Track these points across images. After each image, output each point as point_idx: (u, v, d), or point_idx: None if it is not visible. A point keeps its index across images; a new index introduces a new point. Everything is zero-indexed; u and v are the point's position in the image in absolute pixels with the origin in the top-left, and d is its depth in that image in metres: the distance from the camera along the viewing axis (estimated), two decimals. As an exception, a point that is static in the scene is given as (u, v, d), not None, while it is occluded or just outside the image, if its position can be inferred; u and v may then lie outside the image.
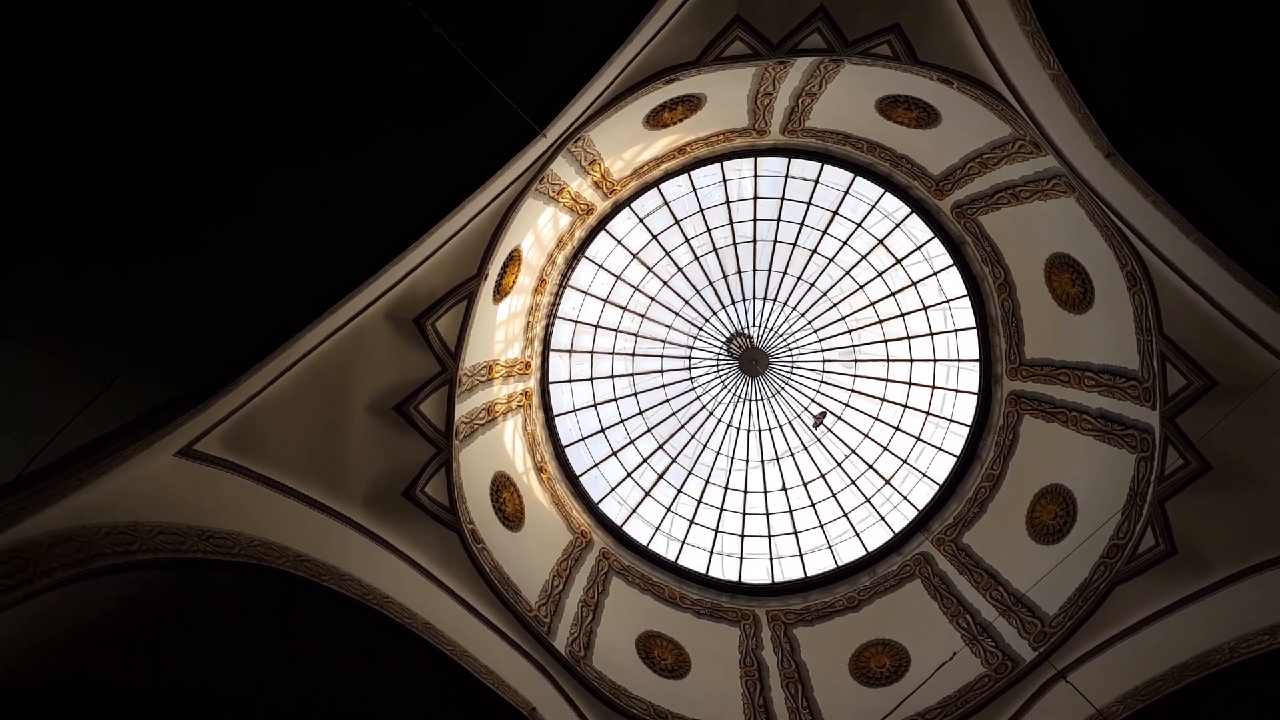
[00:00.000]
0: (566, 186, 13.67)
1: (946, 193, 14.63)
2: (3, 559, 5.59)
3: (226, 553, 7.81)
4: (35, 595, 5.71)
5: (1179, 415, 11.51)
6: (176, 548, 7.27)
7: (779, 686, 14.30)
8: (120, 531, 6.83)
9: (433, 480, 11.49)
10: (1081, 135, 10.05)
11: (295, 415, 9.73)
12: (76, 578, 6.12)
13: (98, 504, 6.81)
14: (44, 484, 5.94)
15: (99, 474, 6.63)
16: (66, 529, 6.33)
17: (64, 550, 6.16)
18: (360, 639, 9.24)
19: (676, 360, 18.20)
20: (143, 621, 7.31)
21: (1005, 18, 9.46)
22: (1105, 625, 11.89)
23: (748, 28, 10.65)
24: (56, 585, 5.93)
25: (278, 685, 8.87)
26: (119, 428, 6.79)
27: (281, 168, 7.70)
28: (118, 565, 6.55)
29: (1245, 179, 9.17)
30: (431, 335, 11.11)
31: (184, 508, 7.81)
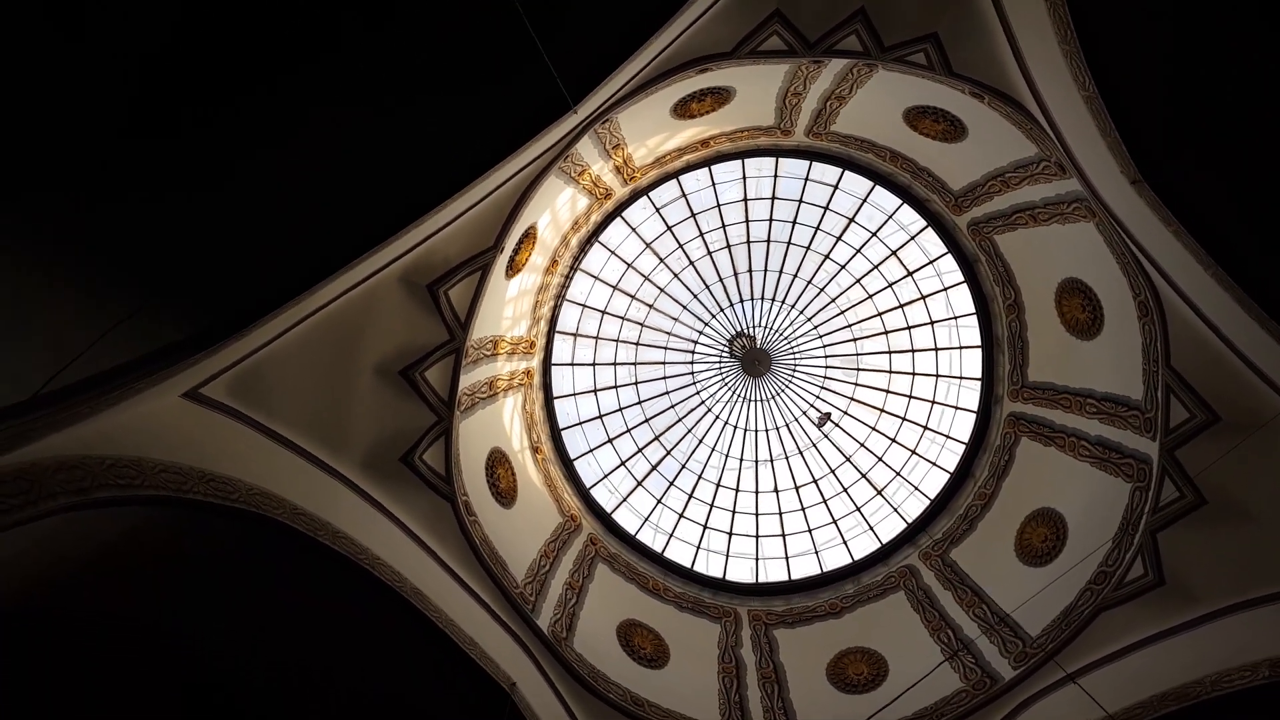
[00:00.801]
0: (588, 168, 13.65)
1: (965, 209, 14.65)
2: (8, 478, 5.55)
3: (226, 497, 7.77)
4: (38, 518, 5.67)
5: (1179, 448, 11.55)
6: (178, 487, 7.24)
7: (756, 685, 14.33)
8: (124, 465, 6.79)
9: (431, 448, 11.46)
10: (1108, 159, 10.07)
11: (302, 370, 9.68)
12: (79, 505, 6.08)
13: (103, 436, 6.77)
14: (54, 408, 5.90)
15: (107, 405, 6.59)
16: (72, 456, 6.29)
17: (68, 477, 6.12)
18: (350, 597, 9.22)
19: (680, 354, 18.19)
20: (142, 557, 7.29)
21: (1045, 35, 9.46)
22: (1088, 650, 11.94)
23: (786, 23, 10.64)
24: (60, 510, 5.89)
25: (268, 633, 8.85)
26: (130, 361, 6.74)
27: (315, 119, 7.64)
28: (120, 498, 6.51)
29: (1268, 215, 9.21)
30: (443, 303, 11.08)
31: (187, 449, 7.77)
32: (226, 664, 8.74)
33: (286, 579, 8.67)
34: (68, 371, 6.08)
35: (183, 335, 7.23)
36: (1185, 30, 9.14)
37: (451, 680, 10.04)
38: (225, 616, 8.46)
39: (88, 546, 6.66)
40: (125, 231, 6.93)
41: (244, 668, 8.89)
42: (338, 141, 8.01)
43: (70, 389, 6.04)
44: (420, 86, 8.35)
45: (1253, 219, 9.41)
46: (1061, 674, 12.00)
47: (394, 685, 9.83)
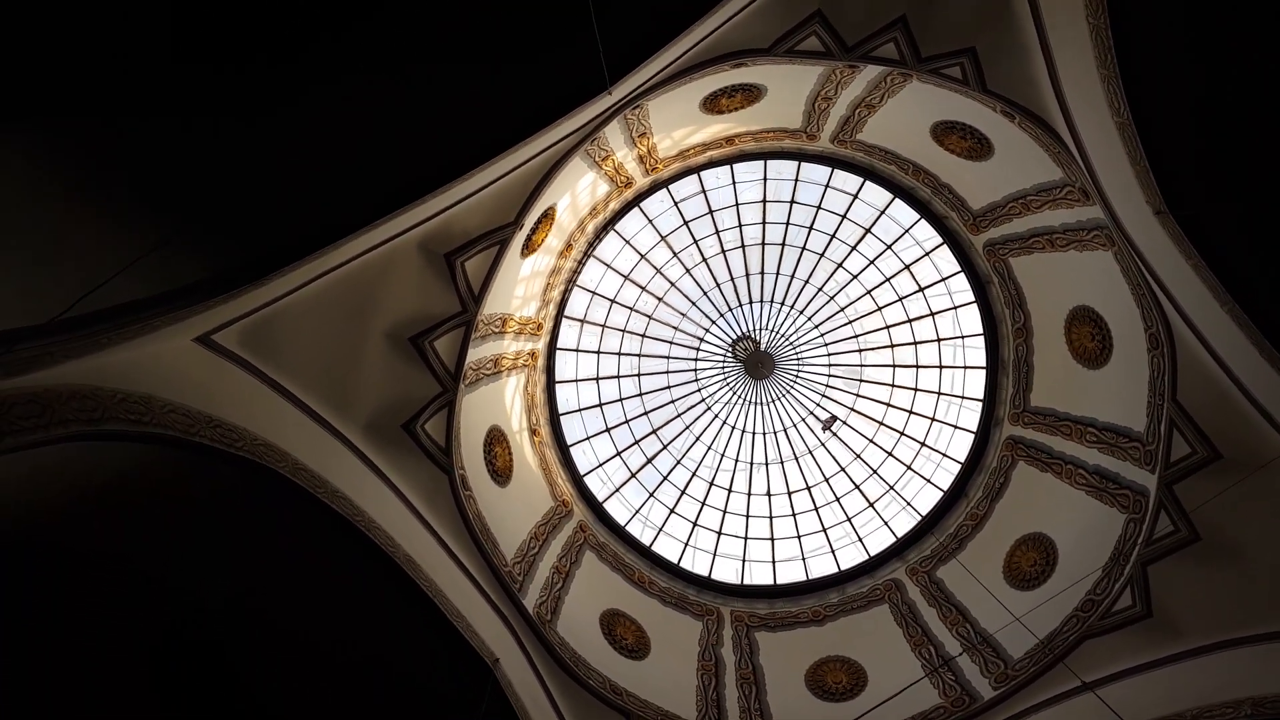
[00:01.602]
0: (612, 154, 13.64)
1: (982, 229, 14.67)
2: (21, 401, 5.51)
3: (231, 444, 7.73)
4: (49, 443, 5.63)
5: (1177, 482, 11.59)
6: (185, 429, 7.19)
7: (734, 685, 14.32)
8: (134, 400, 6.75)
9: (434, 419, 11.42)
10: (1134, 188, 10.11)
11: (314, 327, 9.65)
12: (88, 435, 6.04)
13: (117, 370, 6.73)
14: (71, 335, 5.85)
15: (123, 340, 6.55)
16: (85, 386, 6.25)
17: (80, 406, 6.08)
18: (345, 558, 9.18)
19: (685, 350, 18.19)
20: (143, 494, 7.24)
21: (1084, 58, 9.48)
22: (1069, 676, 11.96)
23: (826, 25, 10.63)
24: (69, 438, 5.85)
25: (259, 583, 8.81)
26: (150, 298, 6.70)
27: (356, 75, 7.64)
28: (129, 433, 6.47)
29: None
30: (459, 274, 11.05)
31: (196, 393, 7.72)
32: (214, 610, 8.69)
33: (283, 532, 8.63)
34: (87, 301, 6.03)
35: (203, 276, 7.20)
36: (1222, 68, 9.19)
37: (436, 650, 10.01)
38: (218, 562, 8.42)
39: (94, 479, 6.61)
40: (156, 164, 6.90)
41: (232, 616, 8.85)
42: (375, 100, 8.00)
43: (89, 318, 5.99)
44: (462, 54, 8.35)
45: (1274, 259, 9.46)
46: (1041, 699, 12.02)
47: (378, 648, 9.79)
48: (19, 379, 5.51)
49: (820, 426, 17.50)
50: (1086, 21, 9.03)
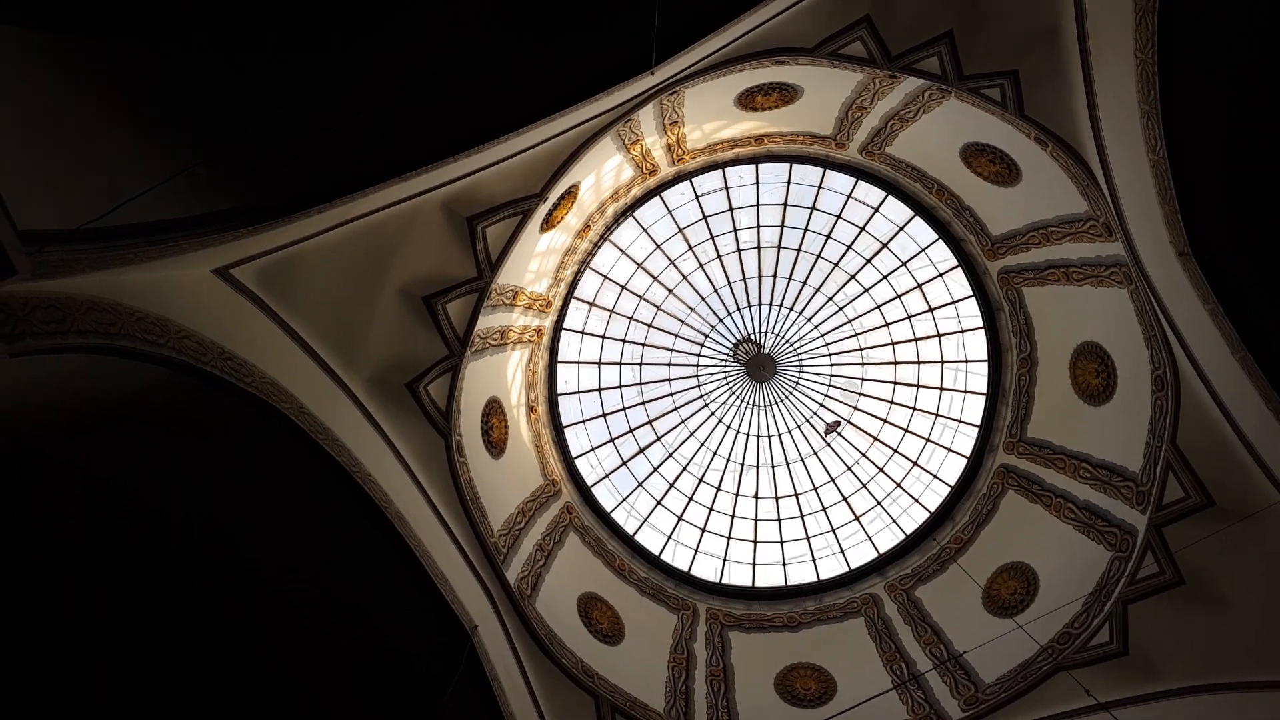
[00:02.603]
0: (641, 139, 13.60)
1: (999, 255, 14.70)
2: (44, 304, 5.46)
3: (239, 379, 7.69)
4: (65, 351, 5.59)
5: (1167, 525, 11.66)
6: (197, 356, 7.15)
7: (704, 680, 14.34)
8: (151, 321, 6.70)
9: (437, 381, 11.38)
10: (1160, 227, 10.12)
11: (331, 275, 9.61)
12: (104, 349, 5.99)
13: (135, 289, 6.69)
14: (98, 245, 5.80)
15: (147, 258, 6.50)
16: (104, 299, 6.20)
17: (99, 318, 6.03)
18: (338, 506, 9.13)
19: (689, 345, 18.18)
20: (149, 418, 7.18)
21: (1126, 92, 9.46)
22: (1040, 705, 12.06)
23: (873, 32, 10.63)
24: (86, 349, 5.80)
25: (251, 521, 8.76)
26: (177, 219, 6.65)
27: (408, 24, 7.61)
28: (143, 352, 6.42)
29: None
30: (479, 239, 11.00)
31: (210, 324, 7.69)
32: (196, 538, 8.62)
33: (279, 472, 8.58)
34: (117, 216, 5.97)
35: (230, 206, 7.14)
36: (1265, 119, 9.20)
37: (417, 609, 9.98)
38: (209, 492, 8.35)
39: (105, 395, 6.55)
40: (195, 92, 6.85)
41: (214, 546, 8.78)
42: (421, 55, 7.98)
43: (117, 230, 5.94)
44: (514, 22, 8.33)
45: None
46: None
47: (360, 599, 9.74)
48: (43, 283, 5.46)
49: (824, 429, 17.48)
50: (1134, 56, 9.02)
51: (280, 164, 7.56)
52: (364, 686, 9.87)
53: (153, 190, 5.96)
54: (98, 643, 9.10)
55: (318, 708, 9.64)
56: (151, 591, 8.69)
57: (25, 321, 5.20)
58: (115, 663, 9.28)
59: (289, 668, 9.47)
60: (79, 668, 8.97)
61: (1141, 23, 8.70)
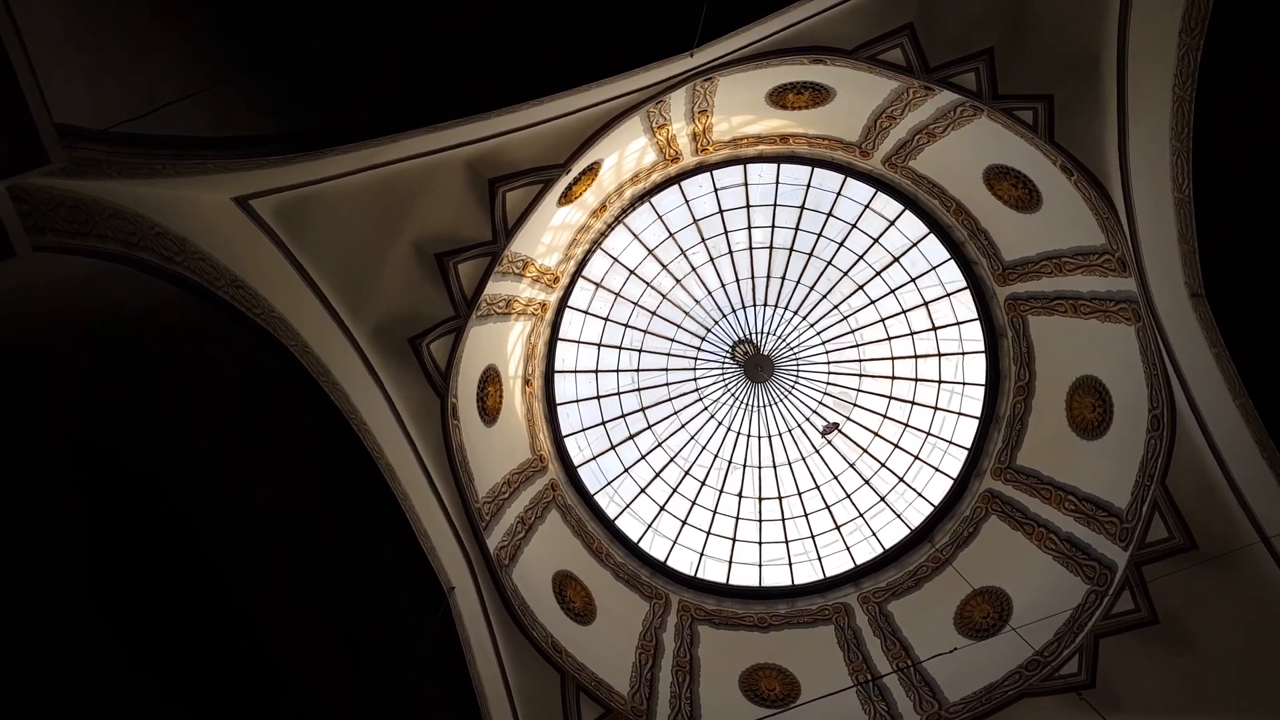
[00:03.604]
0: (669, 124, 13.56)
1: (1009, 281, 14.74)
2: (69, 202, 5.39)
3: (249, 308, 7.62)
4: (85, 254, 5.50)
5: (1147, 564, 11.73)
6: (210, 280, 7.08)
7: (669, 670, 14.35)
8: (170, 238, 6.63)
9: (439, 341, 11.33)
10: (1176, 267, 10.17)
11: (348, 219, 9.55)
12: (122, 258, 5.91)
13: (156, 203, 6.62)
14: (126, 150, 5.73)
15: (173, 173, 6.43)
16: (127, 209, 6.13)
17: (120, 226, 5.96)
18: (332, 451, 9.06)
19: (690, 338, 18.18)
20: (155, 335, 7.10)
21: (1159, 127, 9.47)
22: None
23: (914, 40, 10.61)
24: (105, 255, 5.72)
25: (241, 454, 8.69)
26: (206, 137, 6.59)
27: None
28: (159, 267, 6.34)
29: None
30: (499, 202, 10.95)
31: (224, 251, 7.62)
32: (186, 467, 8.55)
33: (277, 409, 8.51)
34: (149, 125, 5.90)
35: (261, 132, 7.08)
36: None
37: (397, 563, 9.93)
38: (207, 420, 8.28)
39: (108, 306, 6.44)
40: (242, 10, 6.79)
41: (204, 478, 8.71)
42: (470, 5, 7.92)
43: (148, 139, 5.87)
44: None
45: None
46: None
47: (341, 546, 9.66)
48: (70, 181, 5.39)
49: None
50: (1172, 91, 9.03)
51: (316, 96, 7.50)
52: (337, 630, 9.82)
53: (191, 98, 5.90)
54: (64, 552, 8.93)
55: (288, 641, 9.57)
56: (128, 508, 8.58)
57: (49, 216, 5.13)
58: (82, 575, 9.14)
59: (262, 599, 9.41)
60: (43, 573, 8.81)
61: (1184, 59, 8.71)
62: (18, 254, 4.64)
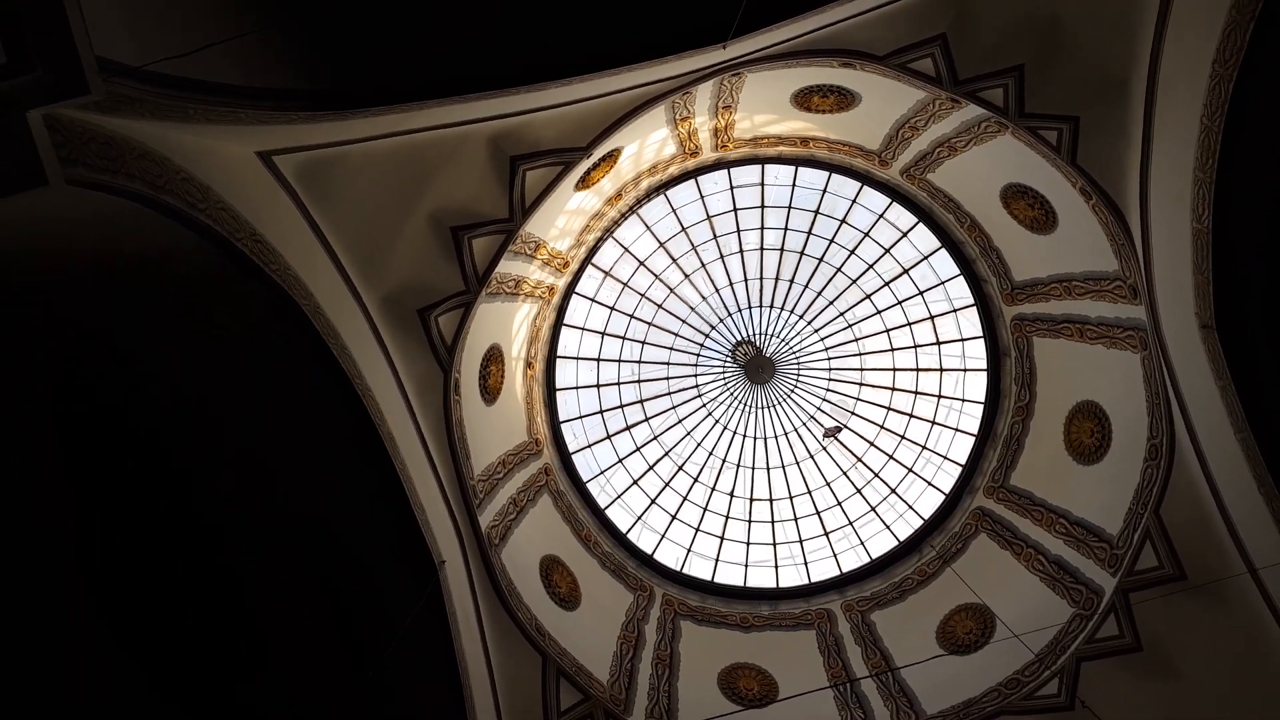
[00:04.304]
0: (691, 117, 13.54)
1: (1017, 301, 14.76)
2: (100, 138, 5.35)
3: (266, 263, 7.59)
4: (113, 191, 5.46)
5: (1135, 591, 11.78)
6: (231, 231, 7.05)
7: (649, 662, 14.34)
8: (195, 184, 6.60)
9: (448, 315, 11.30)
10: (1188, 297, 10.19)
11: (368, 184, 9.54)
12: (148, 200, 5.87)
13: (181, 149, 6.58)
14: (162, 90, 5.69)
15: (203, 119, 6.41)
16: (155, 151, 6.09)
17: (147, 167, 5.92)
18: (335, 414, 9.02)
19: (694, 333, 18.17)
20: (171, 283, 7.05)
21: (1184, 156, 9.47)
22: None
23: (945, 51, 10.60)
24: (131, 195, 5.68)
25: (253, 413, 8.65)
26: (241, 87, 6.56)
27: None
28: (183, 213, 6.30)
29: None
30: (518, 181, 10.91)
31: (245, 204, 7.59)
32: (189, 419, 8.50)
33: (285, 368, 8.47)
34: (185, 66, 5.87)
35: (294, 86, 7.06)
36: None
37: (391, 532, 9.90)
38: (216, 373, 8.22)
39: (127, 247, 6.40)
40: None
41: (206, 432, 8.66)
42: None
43: (183, 81, 5.84)
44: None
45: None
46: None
47: (337, 510, 9.63)
48: (104, 116, 5.36)
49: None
50: (1200, 121, 9.04)
51: (350, 57, 7.49)
52: (325, 595, 9.78)
53: (230, 40, 5.87)
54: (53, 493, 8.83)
55: (275, 602, 9.53)
56: (124, 454, 8.52)
57: (81, 150, 5.10)
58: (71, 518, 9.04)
59: (253, 557, 9.35)
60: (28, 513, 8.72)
61: (1215, 89, 8.72)
62: (50, 184, 4.61)
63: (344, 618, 9.91)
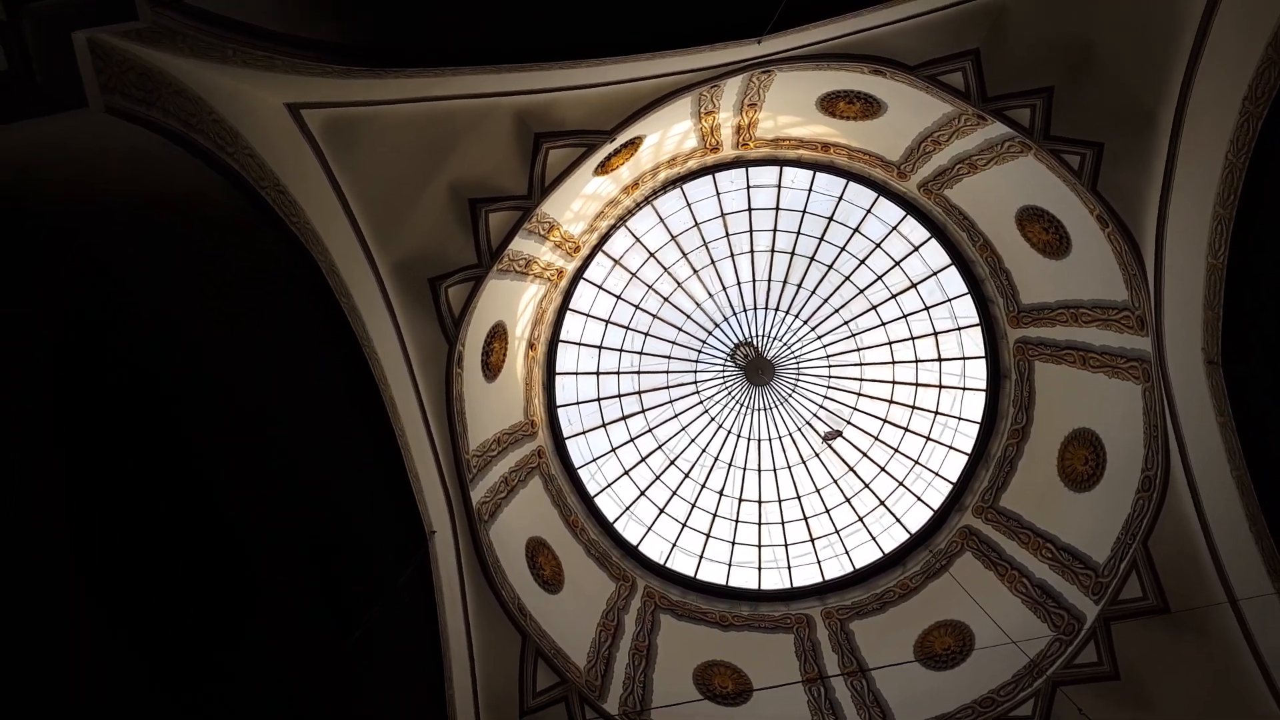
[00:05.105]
0: (716, 112, 13.52)
1: (1022, 324, 14.80)
2: (138, 69, 5.31)
3: (288, 215, 7.55)
4: (146, 124, 5.42)
5: (1117, 620, 11.85)
6: (257, 180, 7.01)
7: (627, 651, 14.37)
8: (225, 127, 6.56)
9: (458, 287, 11.26)
10: (1196, 333, 10.24)
11: (391, 148, 9.50)
12: (179, 138, 5.83)
13: (218, 92, 6.54)
14: (205, 26, 5.65)
15: (241, 63, 6.36)
16: (190, 89, 6.06)
17: (181, 104, 5.88)
18: (339, 375, 8.97)
19: (697, 330, 18.19)
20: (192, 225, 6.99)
21: (1206, 191, 9.48)
22: (946, 756, 12.20)
23: (977, 66, 10.61)
24: (164, 130, 5.64)
25: (259, 366, 8.60)
26: (283, 34, 6.52)
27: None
28: (212, 154, 6.25)
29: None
30: (540, 159, 10.88)
31: (270, 154, 7.55)
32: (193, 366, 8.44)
33: (296, 323, 8.44)
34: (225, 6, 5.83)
35: (331, 39, 7.02)
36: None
37: (384, 498, 9.87)
38: (227, 322, 8.17)
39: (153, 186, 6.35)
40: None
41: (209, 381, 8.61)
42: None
43: (225, 20, 5.80)
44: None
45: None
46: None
47: (333, 471, 9.59)
48: (145, 48, 5.32)
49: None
50: (1225, 157, 9.06)
51: (389, 16, 7.44)
52: (315, 554, 9.73)
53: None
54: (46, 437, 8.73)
55: (265, 556, 9.47)
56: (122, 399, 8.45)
57: (120, 79, 5.06)
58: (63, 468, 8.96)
59: (247, 510, 9.29)
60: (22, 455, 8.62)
61: (1244, 126, 8.75)
62: (89, 106, 4.56)
63: (331, 581, 9.86)
